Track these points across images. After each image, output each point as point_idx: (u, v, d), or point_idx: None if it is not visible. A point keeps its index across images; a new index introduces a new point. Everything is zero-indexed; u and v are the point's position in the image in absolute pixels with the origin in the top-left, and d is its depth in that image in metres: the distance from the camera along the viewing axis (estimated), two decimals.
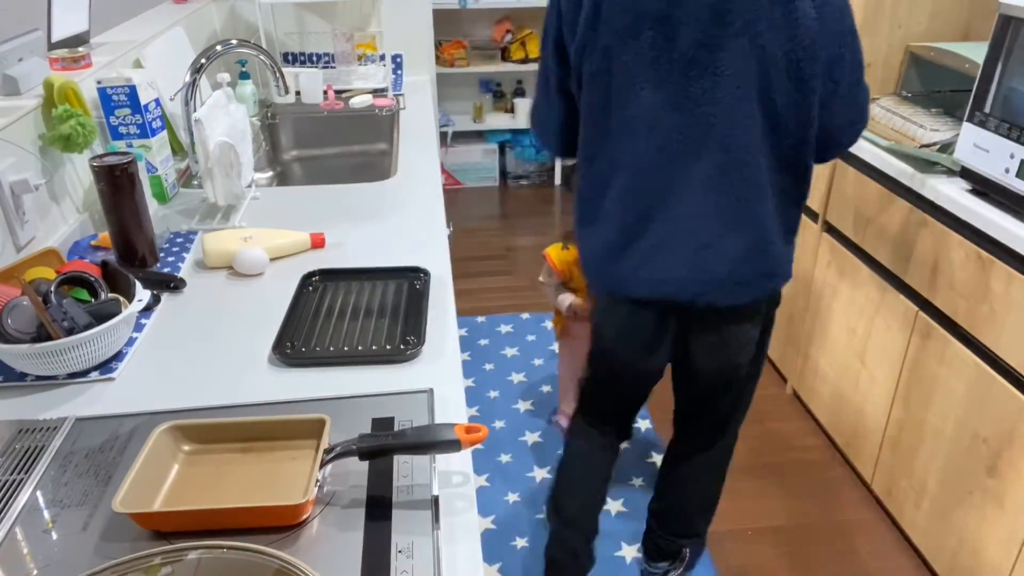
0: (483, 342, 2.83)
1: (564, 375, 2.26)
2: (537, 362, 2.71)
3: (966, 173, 1.66)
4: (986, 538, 1.64)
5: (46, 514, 0.85)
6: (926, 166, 1.79)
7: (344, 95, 2.43)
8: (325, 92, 2.38)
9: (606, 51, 1.26)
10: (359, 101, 2.37)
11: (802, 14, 1.19)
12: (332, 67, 2.58)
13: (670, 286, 1.34)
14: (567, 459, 1.71)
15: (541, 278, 2.10)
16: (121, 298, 1.14)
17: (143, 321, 1.23)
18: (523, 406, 2.48)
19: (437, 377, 1.08)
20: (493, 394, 2.54)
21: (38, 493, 0.88)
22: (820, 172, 2.14)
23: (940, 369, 1.74)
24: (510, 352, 2.77)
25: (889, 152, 1.89)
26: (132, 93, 1.51)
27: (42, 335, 1.03)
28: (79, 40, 1.69)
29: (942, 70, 1.98)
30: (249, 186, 1.71)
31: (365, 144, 2.38)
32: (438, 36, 3.55)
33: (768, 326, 1.49)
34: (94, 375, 1.09)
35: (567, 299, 2.04)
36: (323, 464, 0.85)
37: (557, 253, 2.04)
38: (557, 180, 4.31)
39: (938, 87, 2.06)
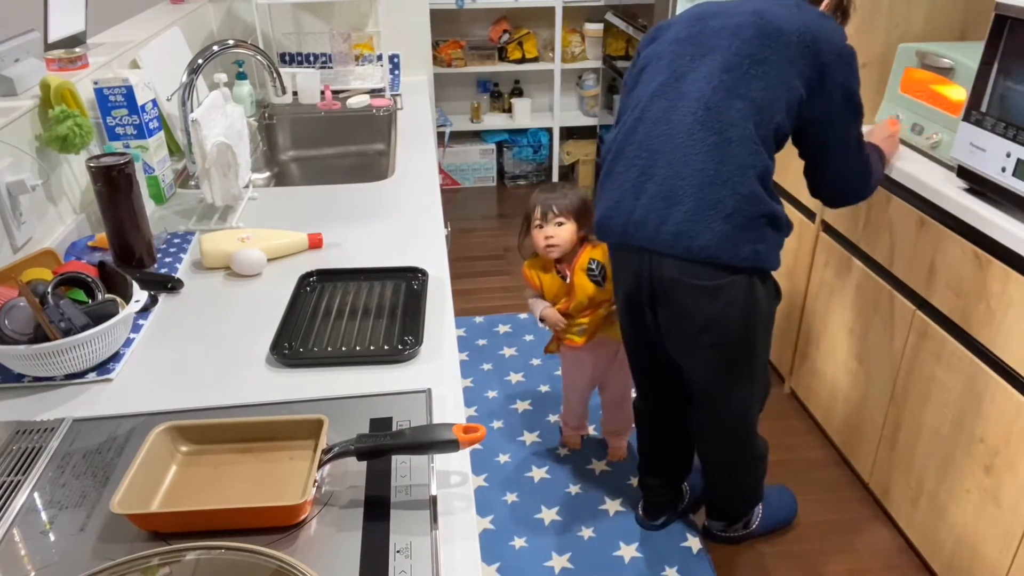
0: (481, 342, 2.83)
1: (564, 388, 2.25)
2: (535, 362, 2.71)
3: (963, 172, 1.66)
4: (983, 536, 1.65)
5: (44, 515, 0.84)
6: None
7: (341, 95, 2.42)
8: (322, 92, 2.38)
9: None
10: (356, 101, 2.37)
11: None
12: (329, 67, 2.58)
13: None
14: None
15: (526, 292, 2.09)
16: (118, 299, 1.14)
17: (140, 322, 1.22)
18: (521, 406, 2.48)
19: (435, 377, 1.09)
20: (491, 394, 2.54)
21: (36, 494, 0.87)
22: None
23: (937, 368, 1.75)
24: (508, 352, 2.77)
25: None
26: (129, 93, 1.51)
27: (39, 336, 1.03)
28: (76, 41, 1.69)
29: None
30: (246, 186, 1.71)
31: (362, 144, 2.38)
32: (435, 36, 3.55)
33: None
34: (92, 376, 1.09)
35: (538, 307, 2.00)
36: (321, 464, 0.85)
37: (528, 262, 2.01)
38: (555, 180, 4.30)
39: None
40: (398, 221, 1.59)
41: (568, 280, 1.95)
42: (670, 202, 1.48)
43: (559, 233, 1.89)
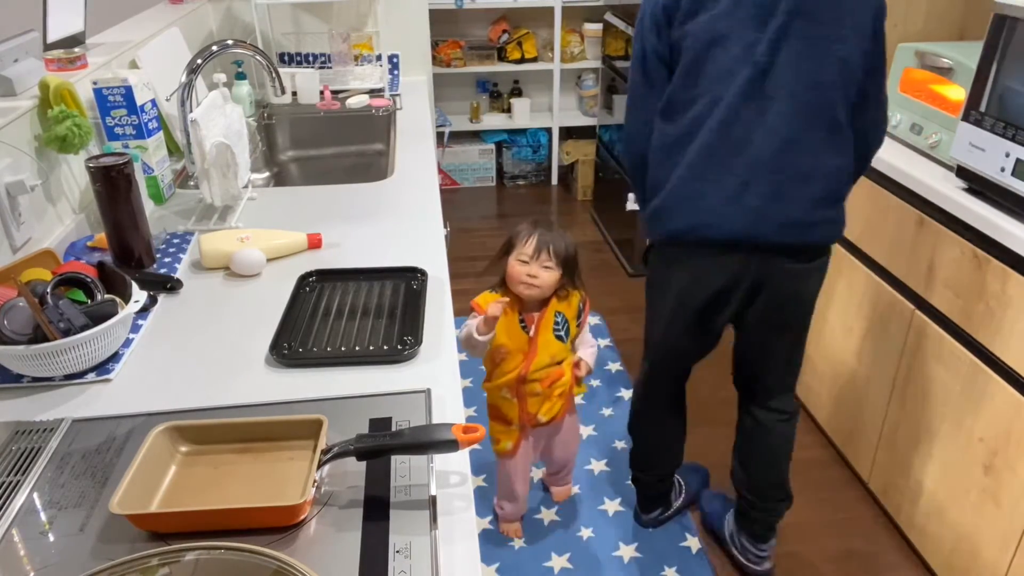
0: None
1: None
2: None
3: (962, 172, 1.66)
4: (983, 536, 1.65)
5: (43, 516, 0.84)
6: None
7: (341, 95, 2.42)
8: (321, 92, 2.38)
9: None
10: (356, 101, 2.37)
11: None
12: (328, 67, 2.58)
13: None
14: None
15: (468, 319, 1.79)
16: (118, 299, 1.14)
17: (140, 322, 1.22)
18: None
19: (434, 377, 1.09)
20: None
21: (35, 495, 0.87)
22: None
23: (937, 368, 1.75)
24: None
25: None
26: (128, 94, 1.51)
27: (38, 336, 1.03)
28: (75, 41, 1.69)
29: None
30: (245, 187, 1.71)
31: (362, 144, 2.38)
32: (434, 36, 3.54)
33: None
34: (91, 376, 1.09)
35: (470, 323, 1.76)
36: (321, 464, 0.85)
37: (483, 297, 1.78)
38: (554, 180, 4.31)
39: None
40: (398, 221, 1.59)
41: (532, 335, 1.75)
42: (779, 198, 1.49)
43: (543, 276, 1.70)
